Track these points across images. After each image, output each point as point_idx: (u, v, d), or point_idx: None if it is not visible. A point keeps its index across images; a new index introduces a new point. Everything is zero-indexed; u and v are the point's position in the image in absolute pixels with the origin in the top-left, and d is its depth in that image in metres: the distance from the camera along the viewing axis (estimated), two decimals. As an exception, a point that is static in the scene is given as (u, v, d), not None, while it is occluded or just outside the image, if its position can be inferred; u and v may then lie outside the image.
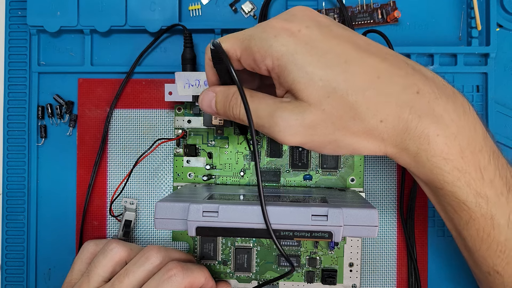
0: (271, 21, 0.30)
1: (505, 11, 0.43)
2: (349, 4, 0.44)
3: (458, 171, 0.30)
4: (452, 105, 0.30)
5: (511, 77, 0.44)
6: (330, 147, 0.30)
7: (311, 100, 0.29)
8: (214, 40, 0.30)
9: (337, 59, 0.29)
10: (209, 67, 0.33)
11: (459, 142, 0.30)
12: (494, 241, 0.31)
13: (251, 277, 0.43)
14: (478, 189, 0.30)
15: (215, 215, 0.31)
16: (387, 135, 0.29)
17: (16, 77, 0.45)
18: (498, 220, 0.31)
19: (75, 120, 0.45)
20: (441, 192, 0.31)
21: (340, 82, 0.28)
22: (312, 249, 0.43)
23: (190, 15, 0.45)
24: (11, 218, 0.45)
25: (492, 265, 0.32)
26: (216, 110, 0.33)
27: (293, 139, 0.30)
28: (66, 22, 0.44)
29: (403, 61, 0.31)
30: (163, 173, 0.44)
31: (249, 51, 0.30)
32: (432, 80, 0.31)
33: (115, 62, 0.46)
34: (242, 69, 0.33)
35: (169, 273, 0.34)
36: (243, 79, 0.35)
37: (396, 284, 0.43)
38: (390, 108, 0.29)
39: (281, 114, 0.29)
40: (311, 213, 0.31)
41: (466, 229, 0.32)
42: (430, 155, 0.30)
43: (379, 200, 0.44)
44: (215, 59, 0.31)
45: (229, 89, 0.32)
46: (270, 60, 0.30)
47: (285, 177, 0.43)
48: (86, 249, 0.38)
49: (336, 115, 0.29)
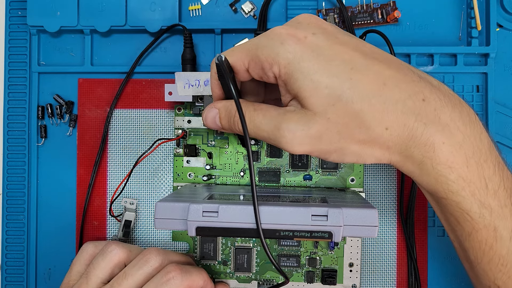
0: (277, 29, 0.31)
1: (505, 11, 0.43)
2: (349, 4, 0.44)
3: (463, 180, 0.29)
4: (458, 114, 0.30)
5: (511, 77, 0.44)
6: (336, 154, 0.30)
7: (316, 108, 0.29)
8: (219, 56, 0.31)
9: (342, 66, 0.29)
10: (215, 80, 0.33)
11: (465, 151, 0.29)
12: (496, 254, 0.31)
13: (251, 277, 0.43)
14: (482, 200, 0.30)
15: (215, 215, 0.31)
16: (392, 143, 0.29)
17: (16, 77, 0.45)
18: (501, 232, 0.30)
19: (75, 120, 0.45)
20: (445, 202, 0.31)
21: (345, 90, 0.28)
22: (312, 249, 0.43)
23: (190, 15, 0.45)
24: (11, 218, 0.45)
25: (493, 279, 0.32)
26: (221, 126, 0.33)
27: (300, 148, 0.30)
28: (66, 22, 0.44)
29: (409, 69, 0.31)
30: (163, 173, 0.44)
31: (257, 60, 0.30)
32: (438, 88, 0.30)
33: (115, 62, 0.46)
34: (247, 82, 0.33)
35: (167, 275, 0.34)
36: (249, 91, 0.35)
37: (396, 284, 0.43)
38: (396, 115, 0.29)
39: (287, 126, 0.30)
40: (311, 213, 0.31)
41: (468, 240, 0.31)
42: (435, 163, 0.29)
43: (379, 200, 0.44)
44: (220, 73, 0.31)
45: (231, 104, 0.32)
46: (277, 68, 0.30)
47: (285, 177, 0.43)
48: (85, 250, 0.38)
49: (341, 124, 0.29)
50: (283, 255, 0.43)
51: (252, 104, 0.32)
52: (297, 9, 0.44)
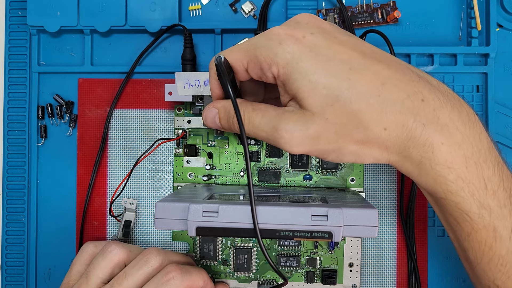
0: (275, 29, 0.30)
1: (505, 11, 0.43)
2: (349, 4, 0.44)
3: (462, 180, 0.29)
4: (457, 114, 0.30)
5: (511, 77, 0.44)
6: (334, 154, 0.30)
7: (314, 108, 0.29)
8: (218, 56, 0.31)
9: (341, 66, 0.29)
10: (214, 81, 0.33)
11: (464, 151, 0.29)
12: (496, 254, 0.31)
13: (251, 277, 0.43)
14: (481, 200, 0.30)
15: (215, 215, 0.31)
16: (390, 143, 0.29)
17: (16, 77, 0.45)
18: (501, 232, 0.30)
19: (75, 120, 0.45)
20: (444, 202, 0.31)
21: (343, 90, 0.28)
22: (312, 249, 0.43)
23: (190, 15, 0.45)
24: (11, 218, 0.45)
25: (493, 278, 0.32)
26: (221, 125, 0.34)
27: (298, 148, 0.30)
28: (66, 22, 0.44)
29: (408, 68, 0.30)
30: (163, 173, 0.44)
31: (256, 60, 0.30)
32: (437, 87, 0.30)
33: (115, 62, 0.46)
34: (247, 82, 0.33)
35: (167, 275, 0.34)
36: (248, 91, 0.35)
37: (396, 284, 0.43)
38: (394, 116, 0.29)
39: (285, 126, 0.30)
40: (311, 213, 0.31)
41: (468, 241, 0.31)
42: (434, 163, 0.29)
43: (379, 200, 0.44)
44: (219, 73, 0.31)
45: (231, 104, 0.32)
46: (276, 68, 0.30)
47: (285, 177, 0.43)
48: (85, 250, 0.38)
49: (339, 124, 0.29)
50: (283, 255, 0.43)
51: (251, 104, 0.32)
52: (297, 9, 0.44)
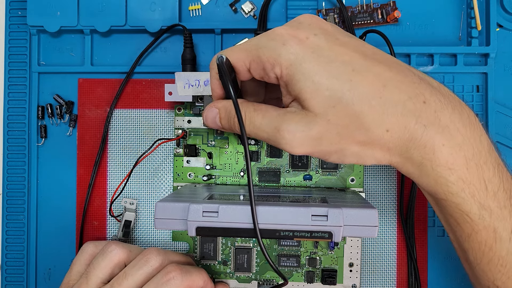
0: (278, 29, 0.30)
1: (505, 11, 0.43)
2: (349, 4, 0.44)
3: (462, 181, 0.29)
4: (458, 116, 0.30)
5: (511, 77, 0.44)
6: (336, 155, 0.30)
7: (316, 110, 0.29)
8: (220, 56, 0.31)
9: (343, 68, 0.29)
10: (215, 80, 0.33)
11: (464, 153, 0.29)
12: (496, 255, 0.31)
13: (251, 277, 0.43)
14: (482, 201, 0.30)
15: (215, 215, 0.31)
16: (392, 144, 0.29)
17: (16, 77, 0.45)
18: (501, 234, 0.30)
19: (75, 120, 0.45)
20: (445, 203, 0.31)
21: (345, 91, 0.28)
22: (312, 249, 0.43)
23: (190, 15, 0.45)
24: (11, 218, 0.45)
25: (493, 279, 0.32)
26: (222, 126, 0.33)
27: (300, 149, 0.30)
28: (66, 22, 0.44)
29: (409, 70, 0.30)
30: (163, 173, 0.44)
31: (258, 61, 0.30)
32: (438, 89, 0.30)
33: (115, 62, 0.46)
34: (248, 82, 0.33)
35: (167, 275, 0.34)
36: (249, 91, 0.35)
37: (396, 284, 0.43)
38: (396, 118, 0.29)
39: (287, 127, 0.30)
40: (311, 213, 0.31)
41: (468, 241, 0.32)
42: (435, 164, 0.29)
43: (379, 200, 0.44)
44: (220, 73, 0.31)
45: (231, 104, 0.32)
46: (279, 69, 0.30)
47: (285, 177, 0.43)
48: (85, 250, 0.38)
49: (342, 125, 0.29)
50: (283, 255, 0.43)
51: (252, 104, 0.32)
52: (297, 9, 0.44)
